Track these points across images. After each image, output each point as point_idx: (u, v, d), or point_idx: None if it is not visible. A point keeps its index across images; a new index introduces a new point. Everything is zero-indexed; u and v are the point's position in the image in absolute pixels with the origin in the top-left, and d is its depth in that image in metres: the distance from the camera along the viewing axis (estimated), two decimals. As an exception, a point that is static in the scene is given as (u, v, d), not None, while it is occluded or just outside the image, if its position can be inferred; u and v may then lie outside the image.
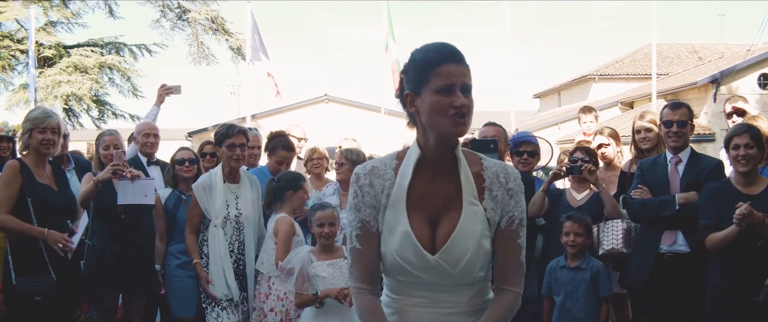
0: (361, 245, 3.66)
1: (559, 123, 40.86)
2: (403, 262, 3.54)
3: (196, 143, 33.39)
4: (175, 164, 8.71)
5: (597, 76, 47.65)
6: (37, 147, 7.31)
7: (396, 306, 3.68)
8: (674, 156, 7.34)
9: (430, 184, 3.62)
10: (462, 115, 3.44)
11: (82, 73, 30.98)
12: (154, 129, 9.51)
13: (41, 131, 7.26)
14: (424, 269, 3.53)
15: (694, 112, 7.56)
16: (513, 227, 3.61)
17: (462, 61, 3.51)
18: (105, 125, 31.95)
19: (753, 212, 6.18)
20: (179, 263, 8.38)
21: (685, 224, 7.00)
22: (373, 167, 3.71)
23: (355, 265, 3.71)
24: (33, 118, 7.29)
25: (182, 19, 33.27)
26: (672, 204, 7.05)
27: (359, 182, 3.69)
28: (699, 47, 50.68)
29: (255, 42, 20.79)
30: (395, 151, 3.84)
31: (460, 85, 3.45)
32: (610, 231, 7.76)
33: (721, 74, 32.57)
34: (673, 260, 7.09)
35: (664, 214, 7.09)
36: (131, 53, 33.90)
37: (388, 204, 3.62)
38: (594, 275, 7.43)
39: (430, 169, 3.62)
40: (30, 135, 7.26)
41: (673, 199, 7.08)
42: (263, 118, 40.14)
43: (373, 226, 3.65)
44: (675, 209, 7.02)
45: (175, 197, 8.63)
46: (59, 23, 32.93)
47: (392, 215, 3.60)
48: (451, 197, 3.59)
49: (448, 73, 3.45)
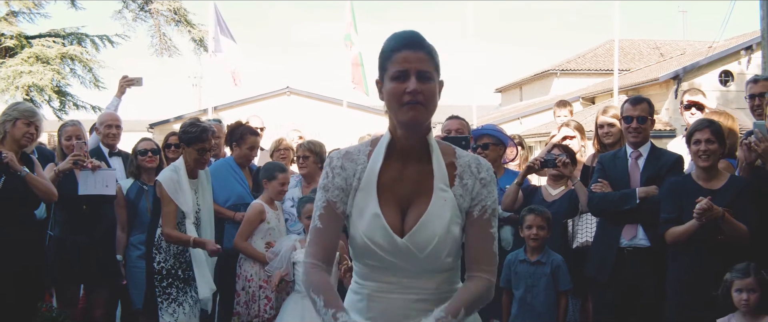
0: (322, 224, 3.69)
1: (521, 117, 40.91)
2: (372, 244, 3.56)
3: (158, 135, 33.33)
4: (137, 154, 8.69)
5: (559, 71, 47.78)
6: (20, 138, 7.42)
7: (364, 293, 3.69)
8: (634, 151, 7.37)
9: (401, 170, 3.64)
10: (415, 102, 3.46)
11: (43, 64, 30.77)
12: (117, 120, 9.45)
13: (27, 124, 7.32)
14: (392, 253, 3.54)
15: (656, 108, 7.59)
16: (485, 216, 3.62)
17: (419, 47, 3.53)
18: (66, 116, 31.74)
19: (713, 207, 6.21)
20: (140, 254, 8.34)
21: (645, 218, 7.04)
22: (347, 152, 3.76)
23: (312, 243, 3.72)
24: (23, 110, 7.35)
25: (144, 10, 33.11)
26: (633, 198, 7.09)
27: (332, 164, 3.73)
28: (661, 43, 50.91)
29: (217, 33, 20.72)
30: (370, 139, 3.86)
31: (415, 72, 3.46)
32: (584, 224, 7.81)
33: (682, 71, 32.68)
34: (633, 254, 7.12)
35: (624, 208, 7.12)
36: (93, 44, 33.68)
37: (359, 187, 3.65)
38: (554, 269, 7.44)
39: (401, 155, 3.65)
40: (14, 124, 7.25)
41: (633, 193, 7.11)
42: (225, 111, 39.96)
43: (338, 207, 3.67)
44: (635, 202, 7.05)
45: (136, 188, 8.63)
46: (21, 13, 32.66)
47: (362, 198, 3.63)
48: (421, 183, 3.61)
49: (403, 60, 3.49)
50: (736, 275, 6.04)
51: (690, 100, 8.96)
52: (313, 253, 3.70)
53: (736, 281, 6.02)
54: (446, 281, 3.65)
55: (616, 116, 8.26)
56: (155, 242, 7.67)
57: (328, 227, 3.70)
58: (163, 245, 7.61)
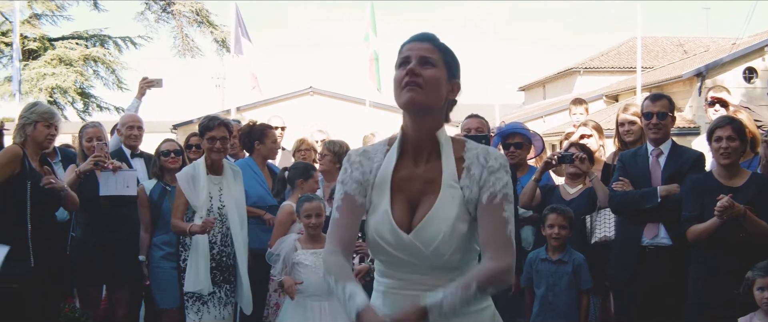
0: (340, 214, 3.74)
1: (544, 116, 40.83)
2: (380, 239, 3.61)
3: (181, 135, 33.36)
4: (160, 155, 8.69)
5: (582, 69, 47.56)
6: (42, 141, 7.40)
7: (380, 289, 3.74)
8: (655, 148, 7.33)
9: (412, 169, 3.68)
10: (414, 83, 3.52)
11: (66, 66, 30.98)
12: (138, 121, 9.47)
13: (47, 126, 7.32)
14: (399, 248, 3.58)
15: (679, 106, 7.59)
16: (495, 201, 3.59)
17: (426, 40, 3.64)
18: (90, 118, 31.94)
19: (734, 205, 6.17)
20: (163, 255, 8.37)
21: (666, 216, 7.01)
22: (365, 150, 3.84)
23: (330, 234, 3.78)
24: (42, 112, 7.33)
25: (167, 12, 33.25)
26: (654, 196, 7.04)
27: (350, 160, 3.81)
28: (684, 40, 50.60)
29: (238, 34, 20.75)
30: (387, 138, 3.90)
31: (417, 58, 3.55)
32: (603, 220, 7.79)
33: (706, 68, 32.51)
34: (655, 253, 7.08)
35: (646, 206, 7.08)
36: (116, 46, 33.96)
37: (374, 184, 3.70)
38: (576, 268, 7.42)
39: (413, 153, 3.69)
40: (34, 127, 7.26)
41: (655, 191, 7.06)
42: (248, 111, 40.00)
43: (357, 200, 3.72)
44: (657, 201, 7.00)
45: (159, 189, 8.62)
46: (44, 16, 32.95)
47: (377, 195, 3.69)
48: (431, 182, 3.63)
49: (408, 49, 3.60)
50: (758, 274, 5.98)
51: (714, 97, 8.92)
52: (332, 241, 3.75)
53: (758, 280, 5.96)
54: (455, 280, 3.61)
55: (637, 114, 8.20)
56: (181, 241, 7.74)
57: (346, 218, 3.74)
58: (188, 243, 7.67)
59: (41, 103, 7.50)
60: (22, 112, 7.37)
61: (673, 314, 7.04)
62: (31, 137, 7.28)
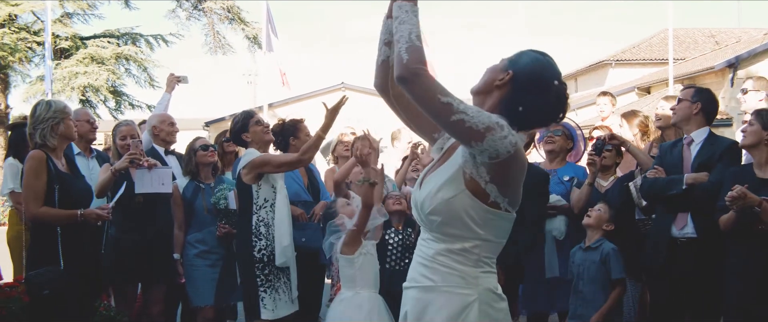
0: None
1: (576, 109, 40.68)
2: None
3: (213, 132, 33.45)
4: (196, 150, 8.72)
5: (614, 61, 47.41)
6: (71, 135, 7.47)
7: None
8: (687, 136, 7.37)
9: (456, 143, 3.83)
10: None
11: (98, 65, 31.09)
12: (172, 118, 9.52)
13: (70, 120, 7.33)
14: (412, 205, 3.95)
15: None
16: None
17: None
18: (122, 116, 32.09)
19: (747, 195, 6.13)
20: (197, 253, 8.42)
21: (694, 206, 7.04)
22: None
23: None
24: (61, 109, 7.30)
25: (198, 9, 33.37)
26: (679, 183, 7.07)
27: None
28: (716, 32, 50.35)
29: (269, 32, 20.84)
30: None
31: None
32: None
33: (737, 59, 32.35)
34: (686, 245, 7.10)
35: (670, 192, 7.12)
36: (147, 44, 34.07)
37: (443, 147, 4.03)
38: (604, 257, 7.45)
39: None
40: (61, 124, 7.25)
41: (681, 178, 7.10)
42: (279, 107, 40.12)
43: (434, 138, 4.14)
44: (681, 188, 7.03)
45: (193, 186, 8.64)
46: (75, 14, 33.10)
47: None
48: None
49: None
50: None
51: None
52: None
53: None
54: (445, 255, 3.72)
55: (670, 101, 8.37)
56: (253, 230, 7.63)
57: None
58: (262, 231, 7.59)
59: (52, 101, 7.48)
60: (42, 115, 7.25)
61: (706, 307, 7.10)
62: (62, 135, 7.27)
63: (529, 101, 3.67)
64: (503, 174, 3.61)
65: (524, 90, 3.68)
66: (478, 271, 3.70)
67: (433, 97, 3.50)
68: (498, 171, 3.58)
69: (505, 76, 3.72)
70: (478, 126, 3.46)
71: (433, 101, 3.50)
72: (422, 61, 3.57)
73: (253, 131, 7.91)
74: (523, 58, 3.75)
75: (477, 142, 3.48)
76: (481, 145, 3.48)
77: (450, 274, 3.70)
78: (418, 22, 3.69)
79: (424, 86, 3.52)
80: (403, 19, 3.67)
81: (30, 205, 7.08)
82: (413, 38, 3.60)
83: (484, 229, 3.67)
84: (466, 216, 3.65)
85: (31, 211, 7.11)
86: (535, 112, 3.72)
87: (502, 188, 3.63)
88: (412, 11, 3.70)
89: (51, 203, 7.10)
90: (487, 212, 3.64)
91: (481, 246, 3.69)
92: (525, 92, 3.68)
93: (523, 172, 3.72)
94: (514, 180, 3.68)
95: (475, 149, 3.52)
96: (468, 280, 3.68)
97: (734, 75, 31.57)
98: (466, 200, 3.63)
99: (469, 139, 3.51)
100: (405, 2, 3.73)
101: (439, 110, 3.50)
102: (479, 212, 3.64)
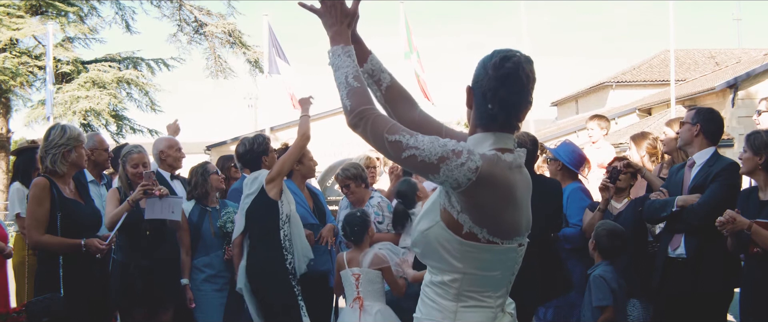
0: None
1: (577, 131, 40.73)
2: None
3: (215, 156, 33.47)
4: (211, 173, 8.77)
5: (614, 83, 47.55)
6: (81, 164, 7.53)
7: None
8: (690, 158, 7.46)
9: None
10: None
11: (100, 89, 31.15)
12: (179, 143, 9.48)
13: (82, 148, 7.36)
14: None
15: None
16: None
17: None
18: (123, 140, 32.10)
19: (736, 219, 6.27)
20: (205, 277, 8.42)
21: (684, 227, 7.14)
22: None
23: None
24: (76, 136, 7.31)
25: (199, 33, 33.52)
26: (670, 205, 7.17)
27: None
28: (716, 52, 50.50)
29: (272, 54, 20.85)
30: None
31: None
32: None
33: (737, 79, 32.43)
34: (679, 264, 7.20)
35: (662, 215, 7.26)
36: (149, 68, 34.18)
37: None
38: (590, 284, 7.56)
39: None
40: (73, 152, 7.26)
41: (672, 201, 7.19)
42: (282, 130, 40.16)
43: None
44: (672, 209, 7.13)
45: (198, 210, 8.63)
46: (77, 39, 33.18)
47: None
48: None
49: None
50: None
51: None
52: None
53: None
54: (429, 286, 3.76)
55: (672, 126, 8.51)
56: (282, 244, 7.74)
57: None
58: (287, 246, 7.78)
59: (67, 126, 7.48)
60: (55, 140, 7.27)
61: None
62: (72, 162, 7.28)
63: (490, 96, 3.61)
64: (474, 203, 3.51)
65: (480, 90, 3.65)
66: (458, 305, 3.64)
67: (381, 137, 3.54)
68: (467, 200, 3.51)
69: (468, 93, 3.74)
70: (430, 158, 3.44)
71: (382, 141, 3.54)
72: (365, 102, 3.64)
73: (272, 156, 8.14)
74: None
75: (433, 174, 3.47)
76: (438, 176, 3.46)
77: (431, 307, 3.71)
78: (353, 62, 3.75)
79: (371, 128, 3.57)
80: (338, 65, 3.75)
81: (32, 232, 7.11)
82: (351, 81, 3.67)
83: (462, 262, 3.60)
84: (442, 248, 3.62)
85: (33, 238, 7.14)
86: (502, 100, 3.61)
87: (476, 216, 3.53)
88: (345, 53, 3.78)
89: (53, 230, 7.10)
90: (462, 244, 3.56)
91: (461, 280, 3.62)
92: (482, 91, 3.63)
93: (504, 197, 3.58)
94: (490, 207, 3.55)
95: (435, 181, 3.51)
96: (445, 314, 3.65)
97: (735, 95, 31.61)
98: (440, 231, 3.60)
99: (425, 173, 3.51)
100: (336, 46, 3.81)
101: (389, 149, 3.53)
102: (454, 244, 3.58)
